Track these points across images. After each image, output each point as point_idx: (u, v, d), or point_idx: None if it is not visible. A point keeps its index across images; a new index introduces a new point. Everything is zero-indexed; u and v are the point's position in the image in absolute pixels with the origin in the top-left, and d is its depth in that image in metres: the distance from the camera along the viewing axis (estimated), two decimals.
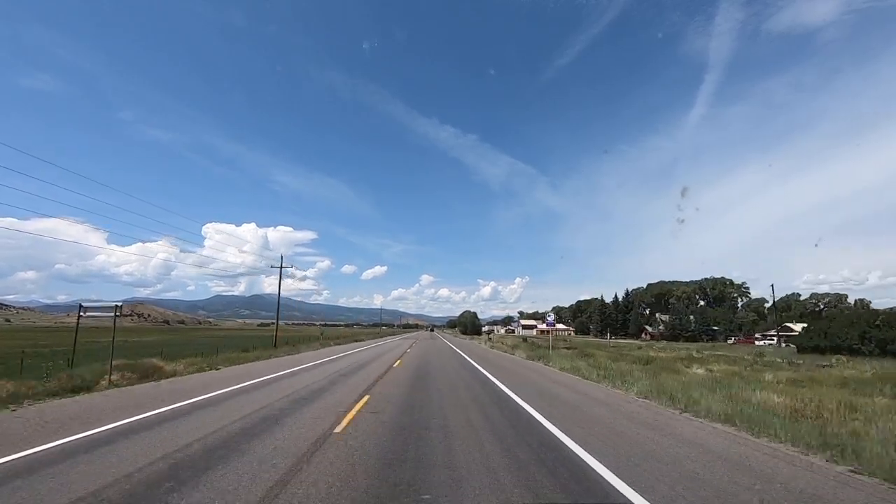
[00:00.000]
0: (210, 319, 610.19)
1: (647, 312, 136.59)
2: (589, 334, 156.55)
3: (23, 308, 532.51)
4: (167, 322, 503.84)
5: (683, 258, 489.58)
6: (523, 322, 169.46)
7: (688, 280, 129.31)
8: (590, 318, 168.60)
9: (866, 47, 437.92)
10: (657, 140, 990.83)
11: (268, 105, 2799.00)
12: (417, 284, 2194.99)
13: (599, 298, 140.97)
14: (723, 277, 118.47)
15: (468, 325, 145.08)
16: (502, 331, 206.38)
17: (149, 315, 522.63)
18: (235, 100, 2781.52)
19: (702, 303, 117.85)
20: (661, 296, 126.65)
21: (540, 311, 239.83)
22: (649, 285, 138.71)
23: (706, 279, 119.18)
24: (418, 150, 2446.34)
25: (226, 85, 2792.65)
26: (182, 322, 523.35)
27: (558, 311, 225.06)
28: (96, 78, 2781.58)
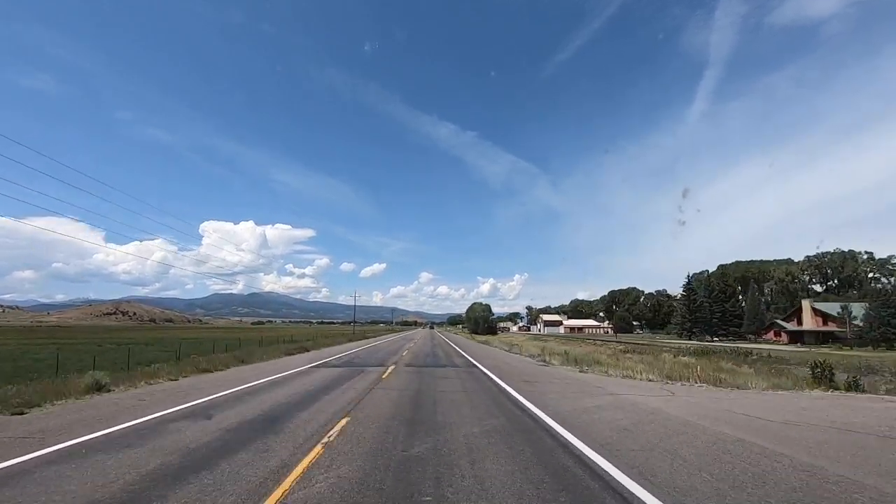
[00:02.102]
0: (200, 318, 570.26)
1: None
2: (631, 331, 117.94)
3: (10, 307, 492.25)
4: (153, 320, 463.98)
5: (686, 254, 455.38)
6: (545, 318, 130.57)
7: (780, 258, 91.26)
8: (629, 310, 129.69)
9: (870, 42, 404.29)
10: (658, 137, 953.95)
11: (267, 104, 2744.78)
12: (416, 282, 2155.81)
13: (680, 288, 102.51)
14: (851, 250, 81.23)
15: (480, 321, 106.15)
16: (514, 328, 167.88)
17: (134, 313, 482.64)
18: (234, 99, 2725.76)
19: (817, 287, 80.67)
20: (745, 280, 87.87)
21: (552, 306, 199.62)
22: (722, 267, 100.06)
23: (824, 254, 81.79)
24: (417, 148, 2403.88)
25: (224, 84, 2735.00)
26: (170, 321, 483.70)
27: (577, 304, 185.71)
28: (94, 77, 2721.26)
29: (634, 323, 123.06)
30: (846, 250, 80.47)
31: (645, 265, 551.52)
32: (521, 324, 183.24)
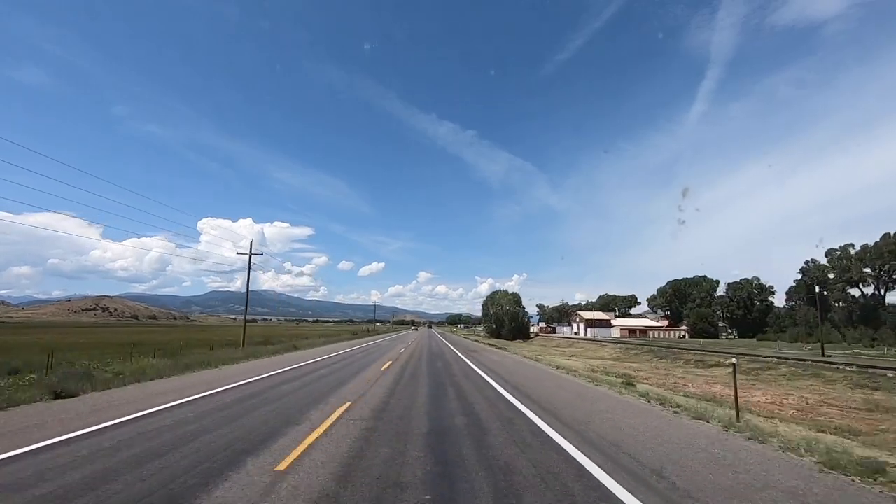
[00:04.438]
0: (188, 315, 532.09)
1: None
2: (716, 335, 79.87)
3: None
4: (136, 317, 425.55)
5: (684, 255, 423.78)
6: (586, 316, 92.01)
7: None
8: (707, 305, 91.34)
9: (871, 42, 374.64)
10: (658, 137, 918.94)
11: (264, 100, 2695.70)
12: (415, 281, 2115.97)
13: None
14: None
15: (505, 319, 67.50)
16: (534, 329, 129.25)
17: (115, 309, 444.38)
18: (231, 95, 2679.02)
19: None
20: None
21: (570, 304, 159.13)
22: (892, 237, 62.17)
23: None
24: (417, 147, 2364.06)
25: (221, 80, 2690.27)
26: (154, 317, 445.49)
27: (608, 300, 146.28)
28: (90, 72, 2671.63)
29: (722, 325, 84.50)
30: None
31: (646, 265, 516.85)
32: (539, 325, 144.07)
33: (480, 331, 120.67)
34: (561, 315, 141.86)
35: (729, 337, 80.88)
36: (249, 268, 26.45)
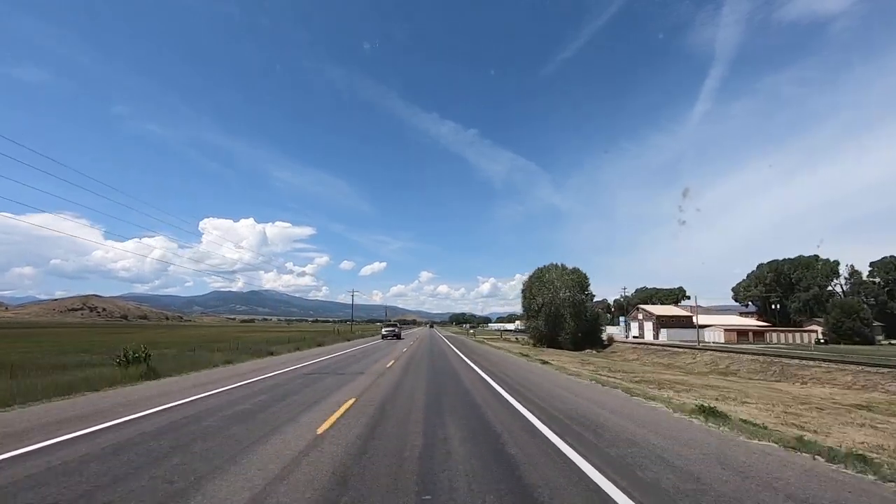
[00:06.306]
0: (181, 315, 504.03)
1: None
2: (871, 341, 48.88)
3: None
4: (125, 317, 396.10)
5: (685, 256, 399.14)
6: (657, 311, 62.88)
7: None
8: (827, 296, 62.24)
9: (876, 40, 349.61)
10: (660, 137, 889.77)
11: (265, 101, 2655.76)
12: (417, 281, 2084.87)
13: None
14: None
15: (565, 315, 38.89)
16: None
17: (104, 309, 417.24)
18: (232, 95, 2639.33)
19: None
20: None
21: (624, 293, 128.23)
22: None
23: None
24: (418, 146, 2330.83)
25: (221, 79, 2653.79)
26: (144, 317, 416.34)
27: (649, 294, 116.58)
28: (90, 71, 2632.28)
29: (876, 324, 55.07)
30: None
31: (650, 264, 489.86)
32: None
33: (509, 333, 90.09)
34: None
35: (891, 342, 51.61)
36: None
